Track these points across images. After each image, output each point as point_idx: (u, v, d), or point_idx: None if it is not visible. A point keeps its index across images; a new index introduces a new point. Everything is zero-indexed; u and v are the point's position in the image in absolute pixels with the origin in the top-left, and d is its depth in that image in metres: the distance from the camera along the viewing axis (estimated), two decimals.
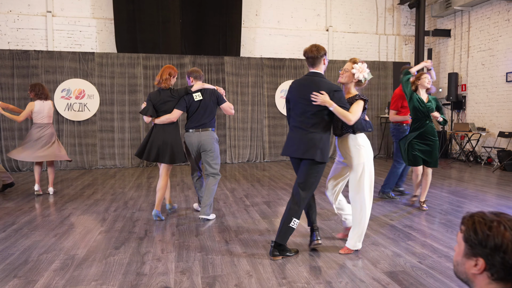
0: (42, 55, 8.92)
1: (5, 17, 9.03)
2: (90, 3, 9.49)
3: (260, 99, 10.24)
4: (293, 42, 10.75)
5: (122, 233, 4.26)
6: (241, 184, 7.15)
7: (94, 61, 9.19)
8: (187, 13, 9.60)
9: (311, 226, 3.74)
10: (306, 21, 10.83)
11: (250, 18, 10.46)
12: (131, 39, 9.43)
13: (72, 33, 9.42)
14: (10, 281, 3.06)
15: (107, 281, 3.04)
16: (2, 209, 5.32)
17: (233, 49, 10.07)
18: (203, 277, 3.12)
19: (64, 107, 9.03)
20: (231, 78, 10.01)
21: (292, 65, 10.39)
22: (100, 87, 9.25)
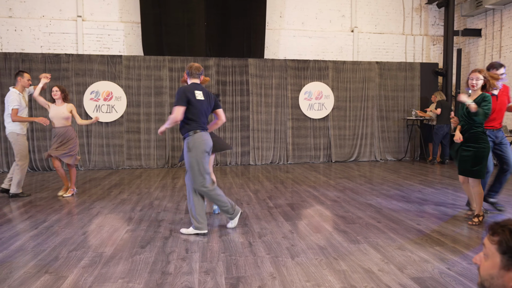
0: (73, 58, 9.20)
1: (38, 22, 9.37)
2: (118, 7, 9.73)
3: (284, 101, 10.23)
4: (317, 44, 10.68)
5: (147, 232, 4.34)
6: (265, 185, 7.15)
7: (122, 63, 9.41)
8: (211, 16, 9.71)
9: None
10: (330, 22, 10.74)
11: (274, 20, 10.47)
12: (157, 42, 9.61)
13: (101, 36, 9.68)
14: (42, 276, 3.16)
15: (133, 279, 3.10)
16: (34, 207, 5.51)
17: (257, 51, 10.10)
18: (227, 277, 3.13)
19: (93, 109, 9.28)
20: (255, 80, 10.04)
21: (316, 67, 10.32)
22: (127, 89, 9.46)
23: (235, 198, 6.06)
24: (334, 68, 10.42)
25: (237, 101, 9.98)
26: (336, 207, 5.48)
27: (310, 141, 10.38)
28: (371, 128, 10.68)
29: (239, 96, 9.98)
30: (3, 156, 8.97)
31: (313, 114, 10.34)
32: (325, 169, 9.22)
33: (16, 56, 8.95)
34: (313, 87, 10.32)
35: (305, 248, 3.81)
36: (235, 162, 10.01)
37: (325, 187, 6.98)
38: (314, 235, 4.20)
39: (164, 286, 2.98)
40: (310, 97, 10.31)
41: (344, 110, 10.54)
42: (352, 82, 10.54)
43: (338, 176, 8.20)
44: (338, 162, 10.43)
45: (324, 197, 6.14)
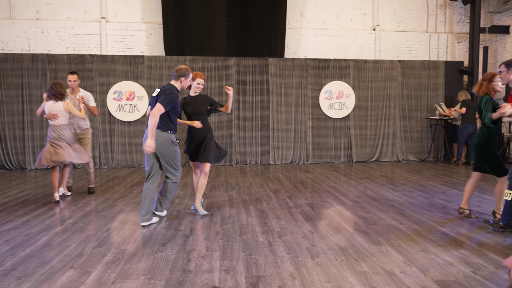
0: (97, 59, 9.41)
1: (64, 24, 9.62)
2: (141, 9, 9.89)
3: (304, 100, 10.18)
4: (338, 43, 10.58)
5: (168, 230, 4.40)
6: (284, 185, 7.14)
7: (144, 64, 9.56)
8: (232, 16, 9.75)
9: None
10: (352, 21, 10.62)
11: (295, 19, 10.43)
12: (178, 42, 9.72)
13: (124, 37, 9.86)
14: (67, 271, 3.25)
15: (155, 276, 3.15)
16: (58, 206, 5.66)
17: (277, 51, 10.08)
18: (247, 276, 3.14)
19: (115, 108, 9.46)
20: (275, 79, 10.02)
21: (337, 66, 10.23)
22: (149, 89, 9.60)
23: (255, 198, 6.07)
24: (355, 67, 10.30)
25: (257, 100, 9.99)
26: (357, 207, 5.42)
27: (331, 140, 10.30)
28: (393, 128, 10.51)
29: (259, 95, 9.98)
30: (31, 154, 9.24)
31: (333, 114, 10.25)
32: (345, 169, 9.12)
33: (43, 57, 9.21)
34: (333, 86, 10.23)
35: (326, 248, 3.78)
36: (255, 162, 10.03)
37: (346, 187, 6.91)
38: (335, 236, 4.16)
39: (185, 284, 3.01)
40: (331, 97, 10.22)
41: (366, 109, 10.40)
42: (374, 81, 10.39)
43: (359, 176, 8.11)
44: (359, 162, 10.31)
45: (344, 197, 6.09)
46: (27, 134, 9.22)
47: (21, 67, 9.14)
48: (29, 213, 5.14)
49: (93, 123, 9.00)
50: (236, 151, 9.90)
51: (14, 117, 9.18)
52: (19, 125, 9.21)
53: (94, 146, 9.22)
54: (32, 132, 9.24)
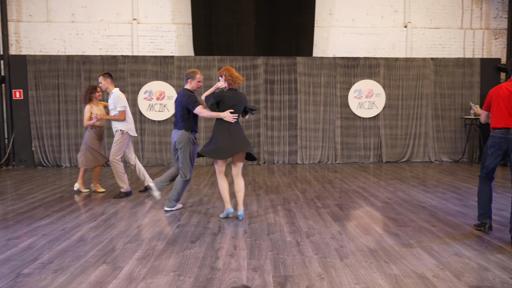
0: (128, 59, 9.65)
1: (97, 25, 9.92)
2: (171, 10, 10.06)
3: (333, 100, 10.06)
4: (368, 40, 10.39)
5: (197, 228, 4.46)
6: (312, 185, 7.08)
7: (173, 64, 9.72)
8: (260, 15, 9.76)
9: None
10: (382, 18, 10.41)
11: (324, 18, 10.32)
12: (207, 42, 9.82)
13: (154, 38, 10.06)
14: (100, 266, 3.35)
15: (184, 273, 3.20)
16: (93, 201, 5.85)
17: (305, 49, 10.02)
18: (275, 276, 3.14)
19: (146, 108, 9.68)
20: (303, 78, 9.96)
21: (367, 64, 10.05)
22: (178, 88, 9.76)
23: (282, 197, 6.06)
24: (386, 66, 10.09)
25: (285, 99, 9.96)
26: (387, 209, 5.31)
27: (360, 140, 10.13)
28: (425, 128, 10.22)
29: (287, 94, 9.95)
30: (66, 152, 9.59)
31: (363, 113, 10.08)
32: (375, 170, 8.96)
33: (77, 58, 9.54)
34: (363, 85, 10.06)
35: (354, 249, 3.73)
36: (283, 161, 10.00)
37: (375, 188, 6.78)
38: (364, 237, 4.10)
39: (213, 281, 3.04)
40: (360, 96, 10.05)
41: (396, 108, 10.17)
42: (405, 80, 10.14)
43: (389, 177, 7.94)
44: (389, 162, 10.10)
45: (374, 198, 5.98)
46: (62, 132, 9.58)
47: (57, 68, 9.50)
48: (64, 209, 5.34)
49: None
50: (263, 150, 9.91)
51: (51, 116, 9.55)
52: (55, 124, 9.57)
53: None
54: (68, 130, 9.59)
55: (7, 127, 9.66)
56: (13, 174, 8.56)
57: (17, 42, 9.82)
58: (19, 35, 9.81)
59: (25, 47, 9.85)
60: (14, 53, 9.71)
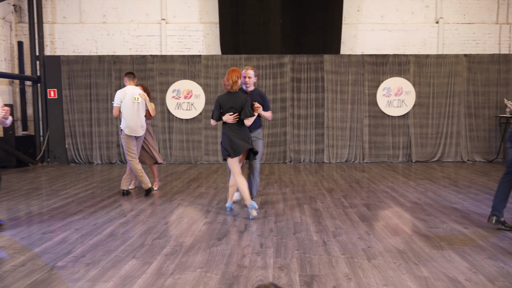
0: (157, 59, 9.83)
1: (127, 26, 10.15)
2: (198, 9, 10.17)
3: (361, 98, 9.90)
4: (398, 37, 10.16)
5: (224, 225, 4.50)
6: (339, 184, 7.00)
7: (201, 63, 9.83)
8: (287, 13, 9.72)
9: None
10: (413, 14, 10.15)
11: (352, 14, 10.17)
12: (234, 41, 9.88)
13: (182, 38, 10.21)
14: (130, 261, 3.44)
15: (211, 270, 3.24)
16: (123, 197, 6.00)
17: (333, 47, 9.90)
18: (301, 275, 3.13)
19: (174, 106, 9.83)
20: (331, 76, 9.85)
21: (396, 61, 9.83)
22: (205, 87, 9.87)
23: (309, 196, 6.03)
24: (416, 63, 9.84)
25: (311, 98, 9.88)
26: (416, 209, 5.19)
27: (388, 139, 9.93)
28: (457, 126, 9.91)
29: (313, 93, 9.87)
30: (97, 149, 9.88)
31: (392, 111, 9.88)
32: (404, 169, 8.76)
33: (108, 58, 9.80)
34: (392, 83, 9.85)
35: (383, 250, 3.66)
36: (309, 160, 9.94)
37: (405, 188, 6.63)
38: (392, 238, 4.02)
39: (240, 279, 3.06)
40: (389, 94, 9.85)
41: (427, 107, 9.90)
42: (436, 77, 9.86)
43: (419, 177, 7.75)
44: (419, 162, 9.85)
45: (403, 198, 5.85)
46: (94, 130, 9.87)
47: (89, 68, 9.79)
48: (96, 205, 5.51)
49: (153, 121, 9.44)
50: (290, 149, 9.88)
51: (83, 115, 9.86)
52: (87, 122, 9.88)
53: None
54: (99, 128, 9.87)
55: (42, 125, 10.04)
56: (47, 170, 8.90)
57: (52, 43, 10.19)
58: (53, 37, 10.18)
59: (59, 48, 10.20)
60: (49, 54, 10.09)
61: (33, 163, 9.61)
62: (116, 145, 9.81)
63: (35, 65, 9.90)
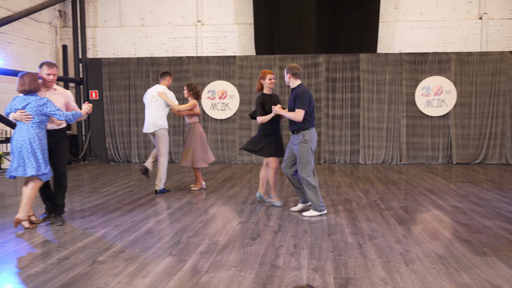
0: (193, 60, 10.01)
1: (164, 28, 10.41)
2: (233, 10, 10.26)
3: (398, 97, 9.64)
4: (438, 34, 9.81)
5: (258, 225, 4.51)
6: (375, 186, 6.85)
7: (236, 63, 9.92)
8: (322, 13, 9.63)
9: None
10: (454, 10, 9.76)
11: (389, 12, 9.92)
12: (268, 41, 9.89)
13: (217, 39, 10.34)
14: (166, 258, 3.52)
15: (245, 269, 3.26)
16: (159, 196, 6.15)
17: (369, 46, 9.70)
18: (336, 277, 3.09)
19: (209, 107, 9.98)
20: (367, 75, 9.65)
21: (436, 60, 9.49)
22: (240, 87, 9.94)
23: (343, 197, 5.94)
24: (458, 61, 9.46)
25: (347, 98, 9.73)
26: (457, 213, 4.99)
27: (427, 140, 9.61)
28: (502, 127, 9.43)
29: (349, 93, 9.72)
30: (135, 148, 10.19)
31: (431, 111, 9.55)
32: (444, 171, 8.44)
33: (146, 60, 10.08)
34: (432, 82, 9.52)
35: (421, 255, 3.55)
36: (344, 161, 9.79)
37: (445, 191, 6.39)
38: (432, 242, 3.88)
39: (274, 279, 3.06)
40: (428, 93, 9.53)
41: (469, 106, 9.49)
42: (479, 76, 9.43)
43: (460, 179, 7.44)
44: (460, 164, 9.47)
45: (443, 201, 5.64)
46: (133, 130, 10.19)
47: (128, 70, 10.12)
48: (134, 202, 5.68)
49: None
50: (324, 149, 9.77)
51: (122, 115, 10.20)
52: (126, 122, 10.21)
53: None
54: (137, 128, 10.18)
55: (84, 125, 10.48)
56: (89, 168, 9.28)
57: (94, 46, 10.61)
58: (95, 40, 10.59)
59: (101, 50, 10.60)
60: (91, 57, 10.51)
61: (76, 162, 10.05)
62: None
63: (78, 68, 10.35)
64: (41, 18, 9.84)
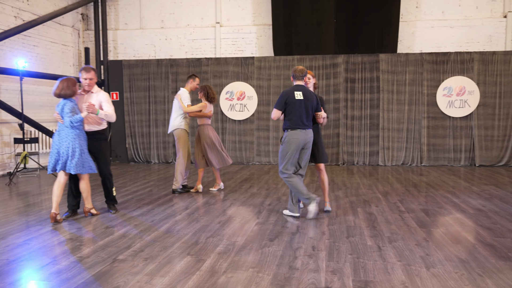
0: (211, 61, 10.08)
1: (183, 30, 10.52)
2: (252, 12, 10.29)
3: (419, 98, 9.47)
4: (461, 34, 9.60)
5: (276, 226, 4.50)
6: (395, 188, 6.75)
7: (254, 65, 9.94)
8: (341, 13, 9.55)
9: None
10: (477, 9, 9.53)
11: (410, 11, 9.76)
12: (286, 42, 9.87)
13: (236, 40, 10.38)
14: (185, 257, 3.55)
15: (263, 270, 3.26)
16: (178, 196, 6.21)
17: (389, 46, 9.57)
18: (354, 280, 3.05)
19: (227, 108, 10.03)
20: (386, 76, 9.52)
21: (459, 59, 9.29)
22: (258, 88, 9.96)
23: (362, 199, 5.87)
24: (481, 60, 9.23)
25: (366, 98, 9.62)
26: (480, 216, 4.86)
27: (449, 141, 9.41)
28: None
29: (368, 93, 9.61)
30: (155, 149, 10.33)
31: (453, 112, 9.35)
32: (466, 174, 8.25)
33: (166, 62, 10.21)
34: (454, 82, 9.32)
35: (443, 259, 3.47)
36: (363, 162, 9.68)
37: (467, 193, 6.24)
38: (454, 246, 3.80)
39: (292, 281, 3.05)
40: (450, 93, 9.33)
41: (493, 107, 9.25)
42: (504, 76, 9.18)
43: (483, 182, 7.26)
44: (483, 166, 9.23)
45: (465, 204, 5.51)
46: (152, 131, 10.33)
47: (148, 71, 10.27)
48: (153, 202, 5.76)
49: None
50: (343, 150, 9.68)
51: (142, 116, 10.35)
52: (146, 123, 10.36)
53: None
54: (157, 129, 10.31)
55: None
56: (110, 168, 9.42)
57: (115, 49, 10.80)
58: (116, 42, 10.79)
59: (121, 53, 10.79)
60: (112, 59, 10.70)
61: None
62: (172, 145, 10.19)
63: (99, 70, 10.56)
64: (65, 22, 10.08)
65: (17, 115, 7.98)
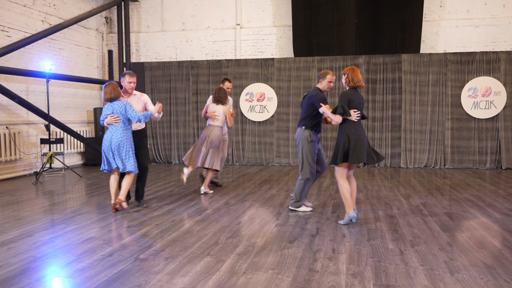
0: (231, 63, 10.13)
1: (204, 32, 10.61)
2: (272, 13, 10.29)
3: (442, 99, 9.27)
4: (487, 33, 9.34)
5: (295, 228, 4.49)
6: (417, 191, 6.62)
7: (274, 66, 9.93)
8: (362, 13, 9.44)
9: None
10: (504, 7, 9.27)
11: (433, 11, 9.57)
12: (307, 43, 9.83)
13: (256, 42, 10.40)
14: (205, 258, 3.58)
15: (282, 272, 3.25)
16: (197, 197, 6.27)
17: (411, 46, 9.40)
18: (376, 284, 3.01)
19: (247, 109, 10.05)
20: (409, 76, 9.36)
21: (484, 59, 9.04)
22: (278, 90, 9.95)
23: (384, 202, 5.78)
24: (508, 60, 8.96)
25: (387, 99, 9.48)
26: (507, 221, 4.72)
27: (474, 144, 9.17)
28: None
29: (390, 94, 9.46)
30: (176, 150, 10.45)
31: (478, 114, 9.11)
32: (492, 177, 8.02)
33: (187, 63, 10.32)
34: (479, 82, 9.08)
35: (467, 264, 3.38)
36: (384, 164, 9.53)
37: (493, 197, 6.07)
38: (479, 251, 3.70)
39: (311, 283, 3.03)
40: (475, 94, 9.10)
41: None
42: None
43: (510, 185, 7.04)
44: (510, 169, 8.95)
45: (491, 208, 5.35)
46: (173, 132, 10.46)
47: (170, 73, 10.41)
48: (174, 202, 5.82)
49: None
50: None
51: (163, 117, 10.49)
52: (167, 124, 10.50)
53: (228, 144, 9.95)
54: (177, 130, 10.44)
55: None
56: None
57: (137, 51, 10.99)
58: (138, 45, 10.98)
59: (144, 55, 10.97)
60: (134, 61, 10.90)
61: None
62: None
63: (122, 71, 10.75)
64: (89, 25, 10.33)
65: (43, 116, 8.22)
